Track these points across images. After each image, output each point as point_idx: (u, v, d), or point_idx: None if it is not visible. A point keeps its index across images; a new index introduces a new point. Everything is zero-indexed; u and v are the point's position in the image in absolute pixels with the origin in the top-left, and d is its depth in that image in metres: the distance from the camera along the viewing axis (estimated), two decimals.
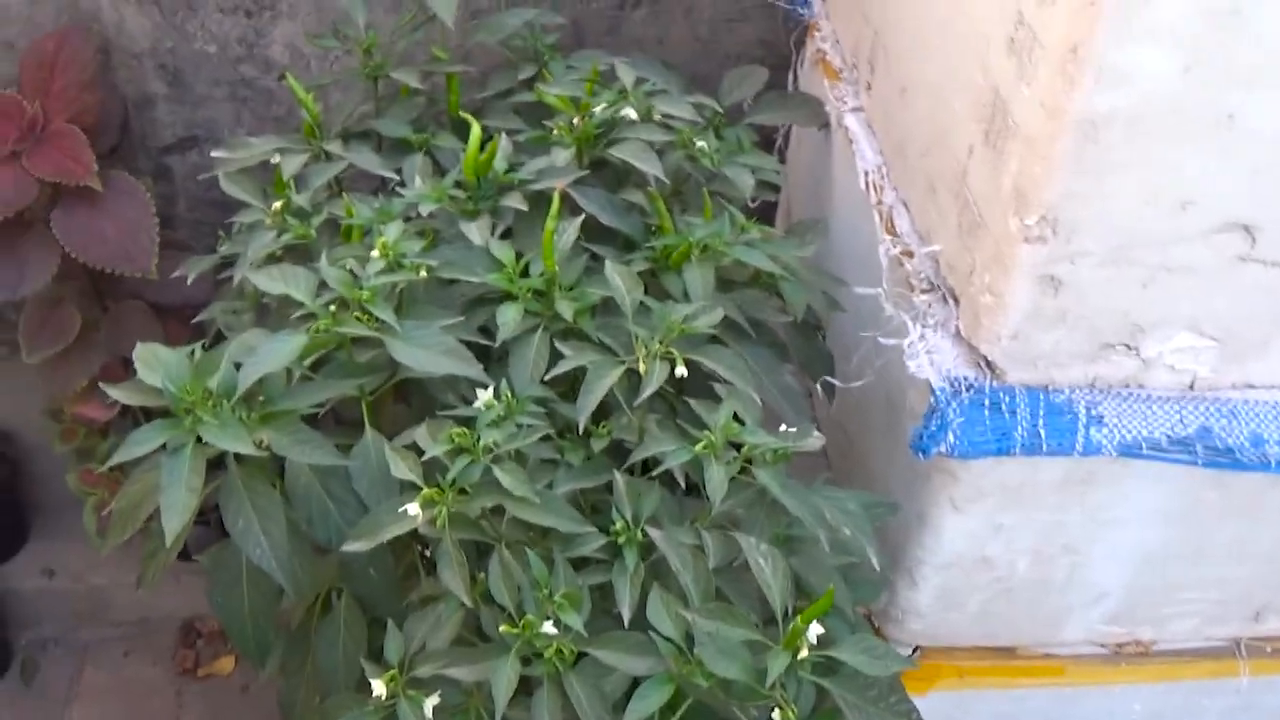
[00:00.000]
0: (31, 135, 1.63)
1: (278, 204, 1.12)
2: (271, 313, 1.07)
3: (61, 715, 2.18)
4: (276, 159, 1.16)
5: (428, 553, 0.92)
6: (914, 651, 1.34)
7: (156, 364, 0.84)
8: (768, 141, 1.64)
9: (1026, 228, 0.94)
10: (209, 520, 1.96)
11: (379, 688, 0.81)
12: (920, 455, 1.05)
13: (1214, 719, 1.45)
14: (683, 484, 0.91)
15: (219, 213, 1.45)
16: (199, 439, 0.81)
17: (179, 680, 2.24)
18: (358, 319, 0.88)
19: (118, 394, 0.84)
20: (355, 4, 1.31)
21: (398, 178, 1.19)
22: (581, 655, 0.80)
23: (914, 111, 1.19)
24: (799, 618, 0.76)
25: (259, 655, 0.94)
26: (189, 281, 1.37)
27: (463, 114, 1.14)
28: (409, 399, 0.98)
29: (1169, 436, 1.05)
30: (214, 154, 1.25)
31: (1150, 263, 0.97)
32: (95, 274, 1.81)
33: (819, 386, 1.26)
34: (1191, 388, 1.07)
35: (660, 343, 0.90)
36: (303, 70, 1.80)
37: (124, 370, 1.90)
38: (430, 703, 0.81)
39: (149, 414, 1.88)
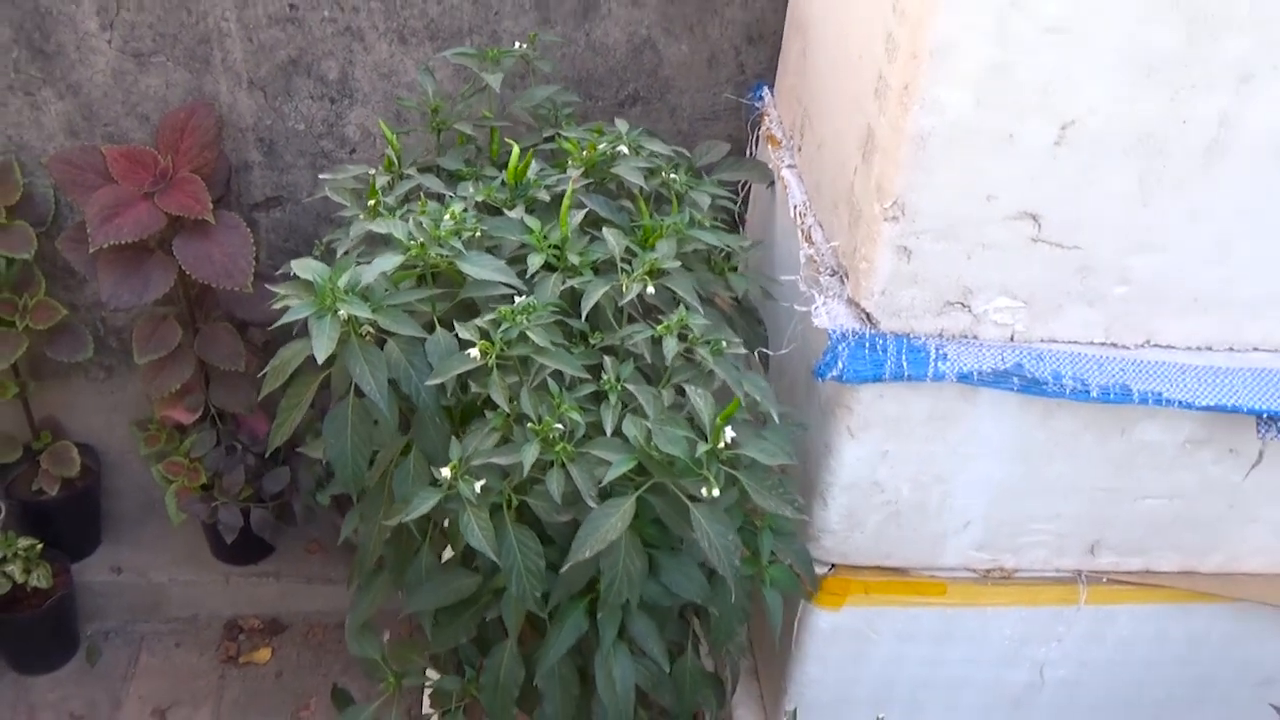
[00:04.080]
0: (163, 180, 2.11)
1: (371, 202, 1.59)
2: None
3: (120, 691, 2.52)
4: (372, 172, 1.63)
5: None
6: (830, 568, 1.74)
7: (308, 268, 1.28)
8: (734, 196, 2.12)
9: (885, 210, 1.40)
10: (276, 512, 2.37)
11: (446, 473, 1.23)
12: (818, 378, 1.48)
13: (1068, 645, 1.83)
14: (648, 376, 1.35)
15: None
16: (335, 311, 1.25)
17: (221, 667, 2.60)
18: (437, 250, 1.34)
19: (287, 289, 1.26)
20: (426, 78, 1.82)
21: (455, 195, 1.65)
22: (580, 454, 1.22)
23: (825, 157, 1.67)
24: (718, 418, 1.18)
25: (355, 484, 1.35)
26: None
27: (507, 139, 1.62)
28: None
29: (994, 370, 1.48)
30: (322, 176, 1.72)
31: (970, 239, 1.43)
32: (192, 299, 2.27)
33: (756, 355, 1.71)
34: (1012, 339, 1.52)
35: (638, 273, 1.35)
36: (369, 146, 2.30)
37: (202, 387, 2.35)
38: (479, 484, 1.23)
39: (222, 418, 2.32)
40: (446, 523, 1.46)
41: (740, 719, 1.99)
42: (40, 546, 2.41)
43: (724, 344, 1.31)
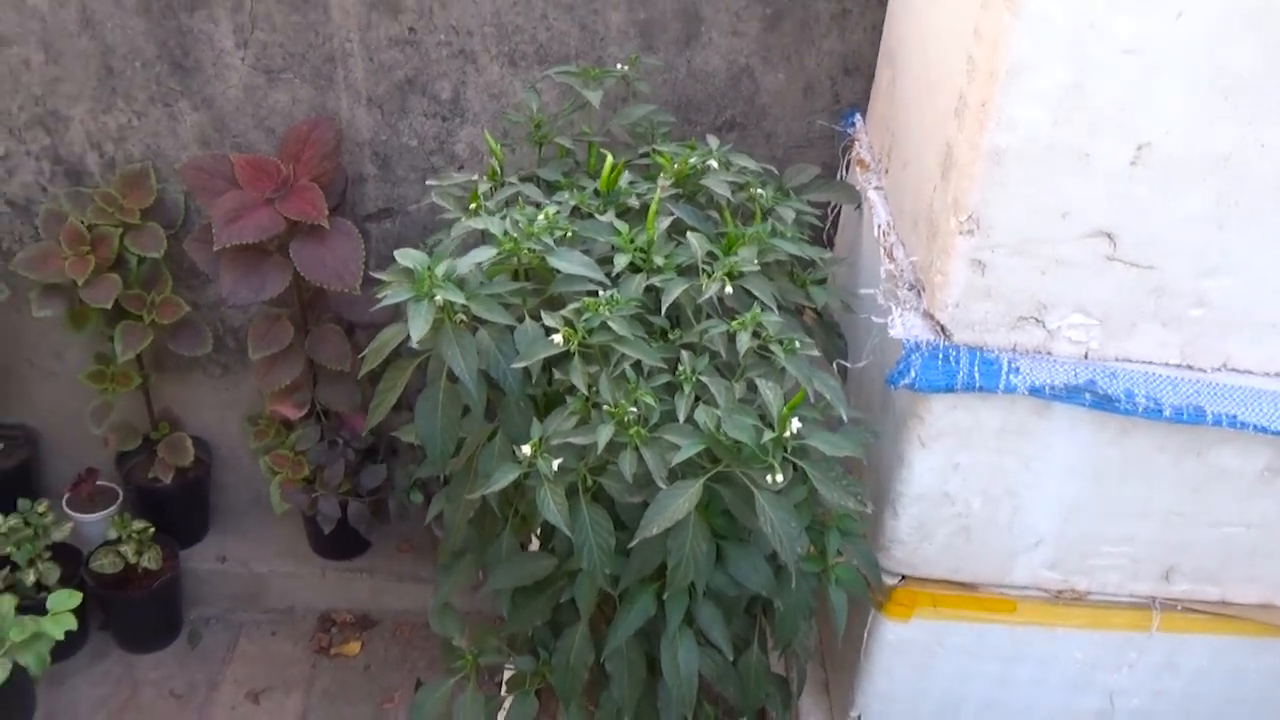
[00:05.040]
0: (284, 188, 2.25)
1: (473, 205, 1.69)
2: None
3: (219, 673, 2.64)
4: (475, 179, 1.74)
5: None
6: (900, 580, 1.77)
7: (409, 257, 1.38)
8: (824, 219, 2.18)
9: (960, 224, 1.45)
10: (372, 507, 2.48)
11: (526, 450, 1.31)
12: (891, 385, 1.53)
13: (1141, 674, 1.83)
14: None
15: None
16: (431, 296, 1.35)
17: (314, 656, 2.71)
18: (529, 245, 1.43)
19: (389, 276, 1.36)
20: (530, 95, 1.92)
21: (553, 204, 1.75)
22: (653, 438, 1.29)
23: (908, 177, 1.73)
24: (784, 409, 1.24)
25: (442, 459, 1.44)
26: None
27: (600, 149, 1.71)
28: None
29: (1066, 385, 1.51)
30: (429, 182, 1.82)
31: (1045, 256, 1.46)
32: (305, 301, 2.41)
33: (835, 367, 1.76)
34: (1086, 356, 1.54)
35: (717, 274, 1.42)
36: (477, 163, 2.42)
37: (310, 385, 2.48)
38: (556, 462, 1.30)
39: (326, 415, 2.44)
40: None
41: None
42: (152, 530, 2.56)
43: (797, 343, 1.37)
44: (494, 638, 1.67)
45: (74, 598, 2.11)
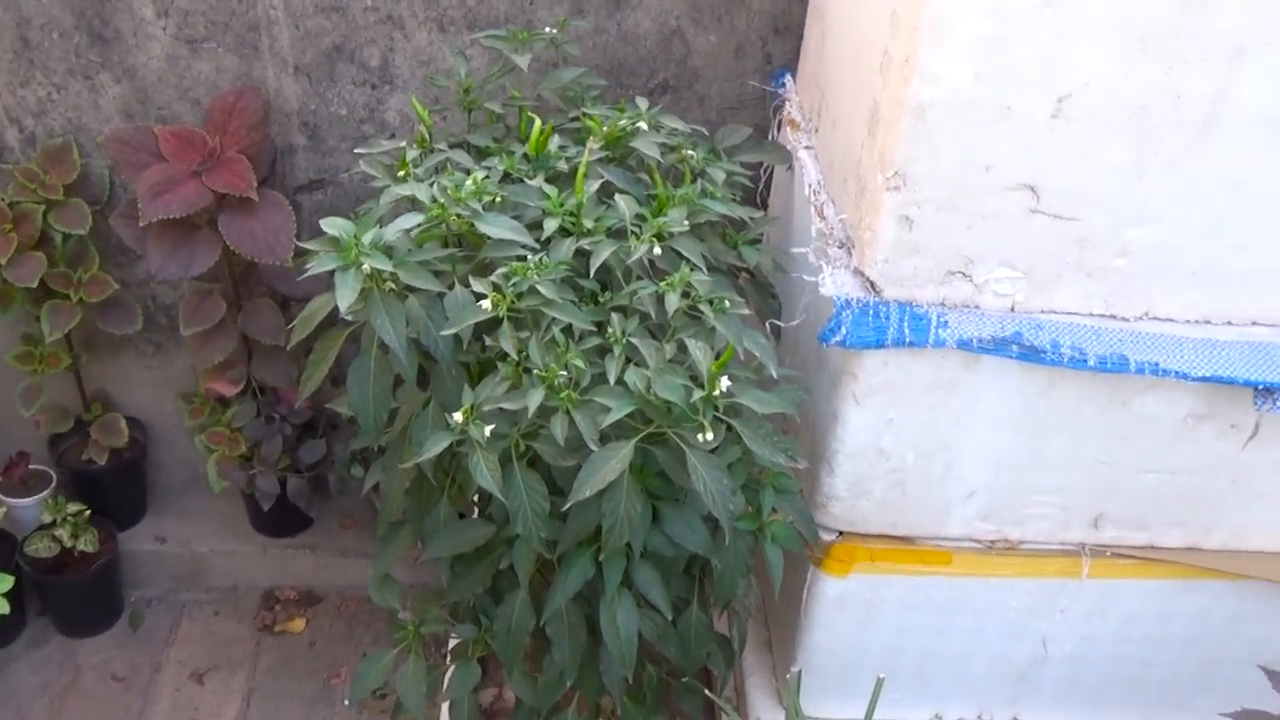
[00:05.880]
0: (211, 160, 2.21)
1: (401, 173, 1.67)
2: None
3: (161, 655, 2.62)
4: (403, 146, 1.72)
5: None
6: (838, 535, 1.79)
7: (335, 225, 1.36)
8: (756, 180, 2.18)
9: (887, 180, 1.46)
10: (312, 483, 2.46)
11: (458, 417, 1.30)
12: (822, 342, 1.54)
13: (1073, 619, 1.86)
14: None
15: None
16: (359, 265, 1.33)
17: (258, 634, 2.69)
18: (457, 211, 1.41)
19: (316, 245, 1.34)
20: (459, 60, 1.90)
21: (482, 169, 1.73)
22: (584, 401, 1.29)
23: (838, 135, 1.73)
24: (713, 366, 1.25)
25: (376, 430, 1.43)
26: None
27: (530, 114, 1.70)
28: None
29: (993, 337, 1.53)
30: (357, 150, 1.79)
31: (970, 210, 1.48)
32: (237, 275, 2.37)
33: (768, 327, 1.77)
34: (1012, 309, 1.56)
35: (646, 235, 1.42)
36: (408, 131, 2.39)
37: (245, 360, 2.45)
38: (489, 428, 1.30)
39: (262, 391, 2.41)
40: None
41: (752, 688, 2.04)
42: (88, 513, 2.52)
43: (726, 302, 1.38)
44: (436, 607, 1.67)
45: (5, 581, 2.07)
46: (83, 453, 2.58)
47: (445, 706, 1.86)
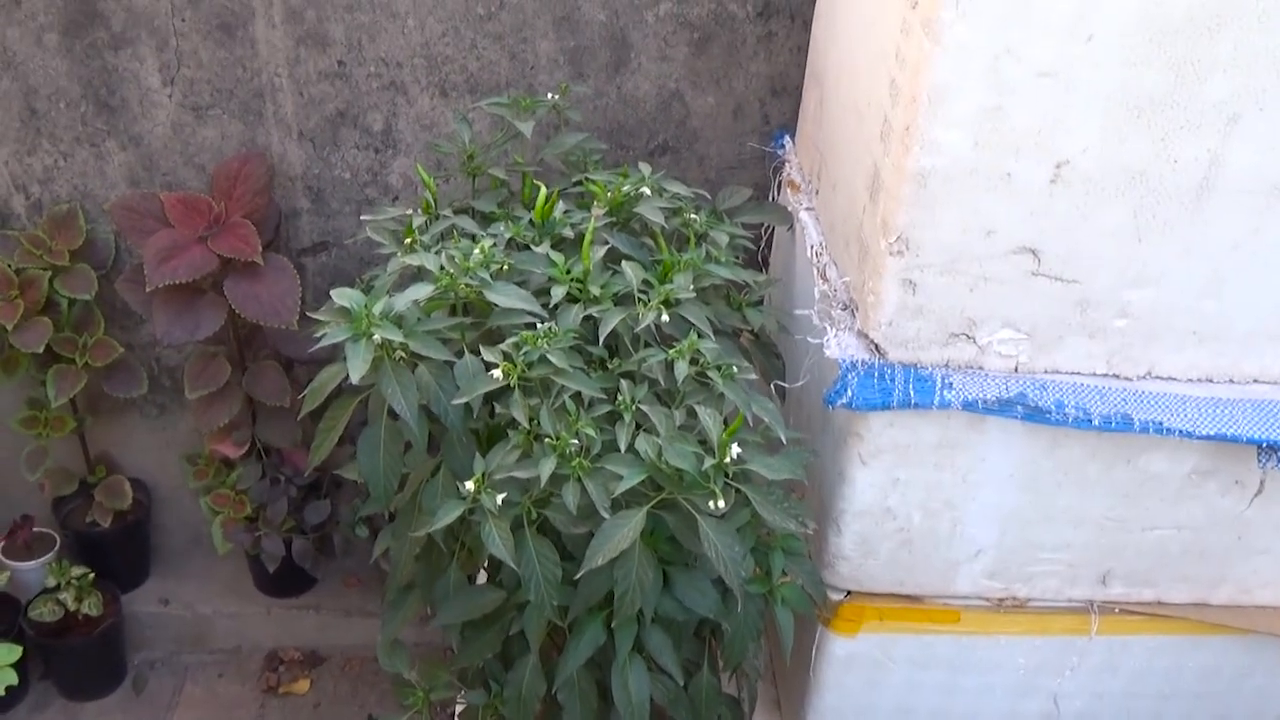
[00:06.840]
0: (216, 225, 2.23)
1: (408, 240, 1.69)
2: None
3: (165, 718, 2.61)
4: (409, 213, 1.74)
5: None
6: (846, 595, 1.80)
7: (346, 296, 1.38)
8: (757, 240, 2.21)
9: (890, 245, 1.48)
10: (317, 544, 2.46)
11: (469, 486, 1.31)
12: (828, 405, 1.55)
13: (1082, 676, 1.87)
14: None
15: None
16: (370, 335, 1.35)
17: (262, 697, 2.68)
18: (466, 280, 1.43)
19: (327, 315, 1.36)
20: (463, 126, 1.93)
21: (489, 236, 1.75)
22: (595, 469, 1.30)
23: (839, 198, 1.76)
24: (724, 434, 1.26)
25: (385, 498, 1.44)
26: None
27: (535, 181, 1.72)
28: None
29: (998, 398, 1.55)
30: (363, 218, 1.82)
31: (972, 273, 1.50)
32: (242, 338, 2.39)
33: (773, 388, 1.78)
34: (1016, 370, 1.58)
35: (653, 302, 1.44)
36: (411, 194, 2.42)
37: (249, 422, 2.46)
38: (500, 496, 1.31)
39: (267, 453, 2.42)
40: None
41: None
42: (92, 576, 2.52)
43: (734, 369, 1.39)
44: (444, 672, 1.67)
45: (13, 652, 2.06)
46: (87, 515, 2.58)
47: None
